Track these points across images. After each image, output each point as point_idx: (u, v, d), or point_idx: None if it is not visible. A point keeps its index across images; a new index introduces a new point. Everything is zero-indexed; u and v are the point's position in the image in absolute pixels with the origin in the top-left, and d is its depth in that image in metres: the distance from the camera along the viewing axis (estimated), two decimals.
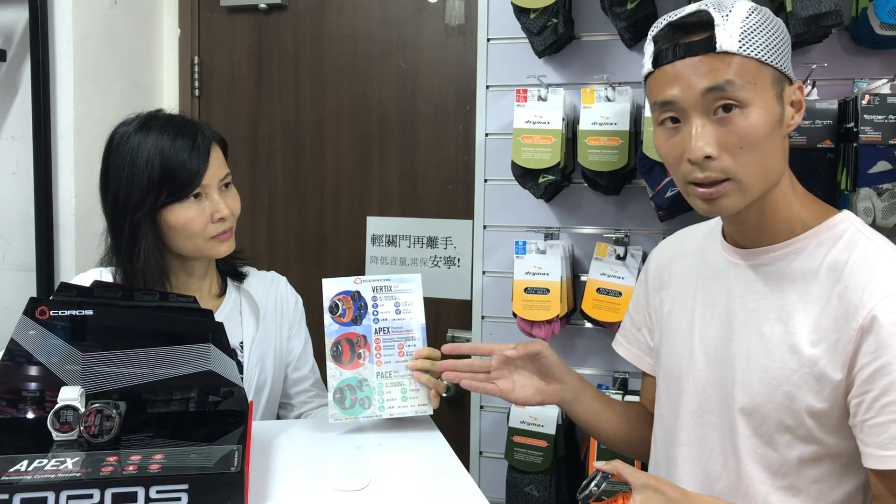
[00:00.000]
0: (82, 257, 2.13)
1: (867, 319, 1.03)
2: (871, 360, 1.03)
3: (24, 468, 0.97)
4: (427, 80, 2.30)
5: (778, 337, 1.12)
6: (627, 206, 1.92)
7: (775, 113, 1.08)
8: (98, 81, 2.21)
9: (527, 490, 1.86)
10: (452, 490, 1.10)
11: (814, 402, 1.08)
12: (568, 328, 1.95)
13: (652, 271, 1.37)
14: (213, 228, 1.39)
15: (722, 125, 1.06)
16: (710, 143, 1.07)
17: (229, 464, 1.00)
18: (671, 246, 1.37)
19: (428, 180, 2.32)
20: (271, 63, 2.44)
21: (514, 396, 1.34)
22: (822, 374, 1.07)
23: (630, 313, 1.42)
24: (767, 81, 1.07)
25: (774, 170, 1.11)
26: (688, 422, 1.22)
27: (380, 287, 1.35)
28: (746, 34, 1.06)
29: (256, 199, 2.46)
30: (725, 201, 1.10)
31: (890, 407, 1.02)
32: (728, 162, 1.07)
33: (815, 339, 1.08)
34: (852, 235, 1.11)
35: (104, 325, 1.15)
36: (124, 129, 1.40)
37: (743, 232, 1.18)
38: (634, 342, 1.41)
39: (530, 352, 1.34)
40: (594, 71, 1.87)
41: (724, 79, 1.05)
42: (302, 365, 1.58)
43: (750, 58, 1.05)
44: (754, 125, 1.06)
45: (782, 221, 1.14)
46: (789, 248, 1.13)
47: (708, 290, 1.22)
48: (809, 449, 1.11)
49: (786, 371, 1.10)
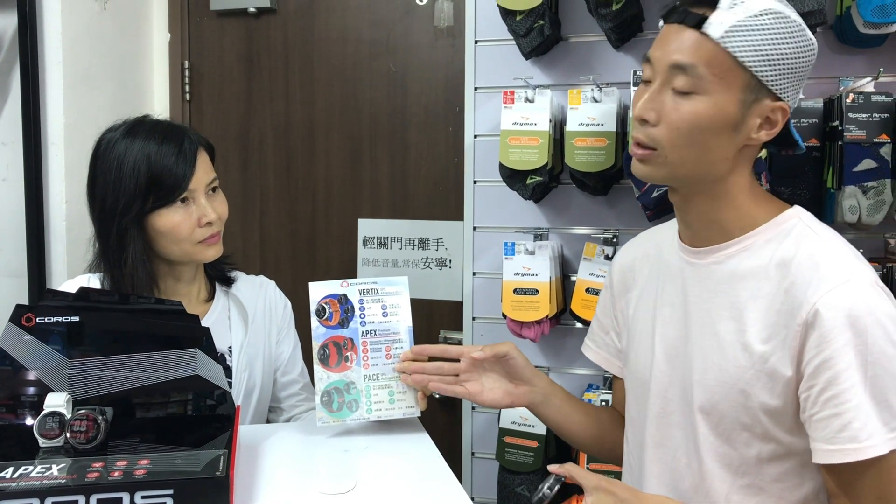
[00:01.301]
0: (73, 263, 2.13)
1: (810, 314, 1.04)
2: (815, 354, 1.04)
3: (10, 475, 0.97)
4: (417, 82, 2.31)
5: (731, 335, 1.12)
6: (616, 207, 1.93)
7: (728, 115, 1.07)
8: (88, 86, 2.21)
9: (518, 490, 1.87)
10: (439, 493, 1.10)
11: (767, 400, 1.09)
12: (558, 328, 1.96)
13: (616, 274, 1.37)
14: (201, 233, 1.40)
15: (674, 99, 1.08)
16: (654, 109, 1.09)
17: (214, 468, 1.00)
18: (633, 249, 1.38)
19: (419, 182, 2.33)
20: (261, 66, 2.45)
21: (482, 399, 1.34)
22: (773, 370, 1.08)
23: (598, 317, 1.43)
24: (737, 83, 1.06)
25: (712, 166, 1.11)
26: (653, 423, 1.23)
27: (366, 290, 1.35)
28: (738, 30, 1.04)
29: (248, 202, 2.47)
30: (647, 168, 1.13)
31: (833, 400, 1.02)
32: (662, 133, 1.09)
33: (766, 336, 1.09)
34: (801, 231, 1.12)
35: (91, 331, 1.16)
36: (111, 136, 1.40)
37: (693, 229, 1.19)
38: (603, 346, 1.41)
39: (497, 353, 1.33)
40: (581, 72, 1.88)
41: (692, 61, 1.06)
42: (291, 369, 1.59)
43: (727, 52, 1.05)
44: (695, 114, 1.07)
45: (732, 220, 1.14)
46: (740, 246, 1.14)
47: (666, 291, 1.24)
48: (768, 447, 1.11)
49: (739, 369, 1.11)
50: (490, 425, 2.05)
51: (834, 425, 1.02)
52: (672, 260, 1.24)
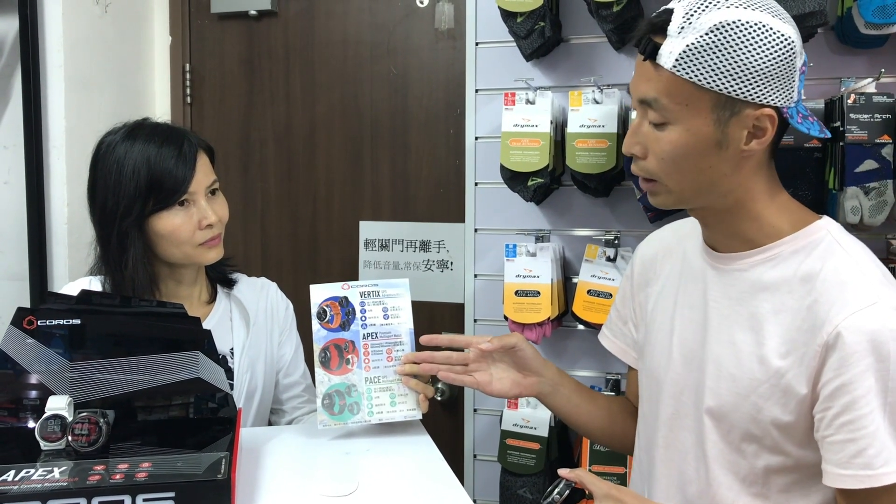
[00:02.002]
0: (75, 266, 2.13)
1: (832, 335, 1.02)
2: (834, 376, 1.02)
3: (11, 478, 0.97)
4: (417, 84, 2.31)
5: (748, 346, 1.10)
6: (617, 208, 1.93)
7: (706, 137, 1.05)
8: (89, 90, 2.22)
9: (520, 493, 1.87)
10: (440, 495, 1.10)
11: (780, 415, 1.07)
12: (559, 330, 1.95)
13: (637, 266, 1.35)
14: (201, 235, 1.40)
15: (653, 130, 1.08)
16: (638, 143, 1.10)
17: (216, 471, 1.00)
18: (657, 241, 1.35)
19: (420, 184, 2.33)
20: (262, 69, 2.45)
21: (490, 389, 1.34)
22: (788, 387, 1.06)
23: (616, 306, 1.41)
24: (704, 105, 1.04)
25: (714, 185, 1.09)
26: (665, 424, 1.22)
27: (367, 292, 1.35)
28: (689, 54, 1.02)
29: (249, 204, 2.47)
30: (656, 199, 1.14)
31: (849, 426, 1.01)
32: (653, 165, 1.10)
33: (784, 352, 1.07)
34: (828, 245, 1.09)
35: (92, 333, 1.16)
36: (111, 138, 1.40)
37: (713, 237, 1.17)
38: (620, 335, 1.39)
39: (505, 345, 1.33)
40: (582, 73, 1.88)
41: (652, 96, 1.06)
42: (293, 371, 1.59)
43: (683, 80, 1.03)
44: (673, 144, 1.07)
45: (753, 229, 1.12)
46: (764, 256, 1.11)
47: (687, 292, 1.22)
48: (776, 459, 1.10)
49: (753, 382, 1.09)
50: (492, 427, 2.05)
51: (848, 450, 1.01)
52: (696, 260, 1.22)
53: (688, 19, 1.02)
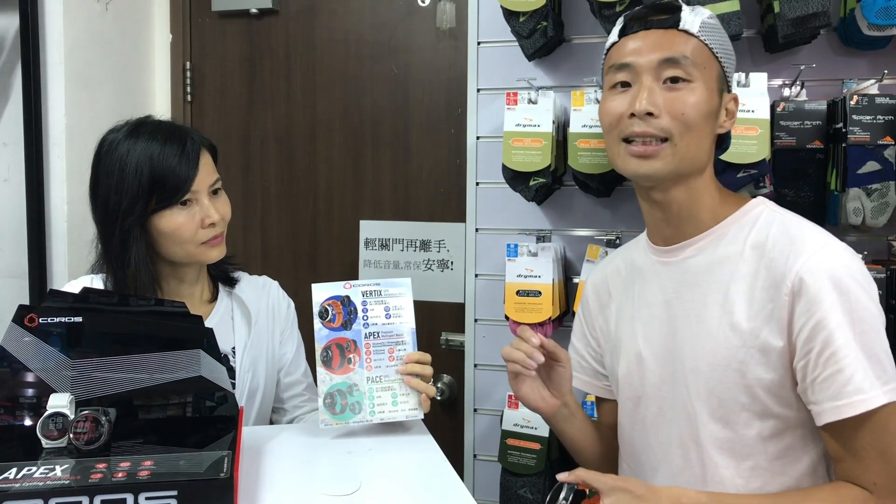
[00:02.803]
0: (75, 264, 2.13)
1: (795, 282, 1.09)
2: (807, 319, 1.08)
3: (13, 476, 0.97)
4: (419, 83, 2.30)
5: (717, 319, 1.16)
6: (619, 208, 1.92)
7: (714, 103, 1.19)
8: (89, 87, 2.21)
9: (521, 493, 1.86)
10: (443, 494, 1.10)
11: (762, 374, 1.12)
12: (560, 330, 1.95)
13: (591, 295, 1.43)
14: (204, 234, 1.39)
15: (669, 92, 1.17)
16: (656, 103, 1.17)
17: (219, 470, 1.00)
18: (603, 267, 1.44)
19: (420, 184, 2.32)
20: (263, 68, 2.44)
21: (520, 389, 1.35)
22: (764, 344, 1.12)
23: (573, 344, 1.47)
24: (714, 73, 1.19)
25: (702, 153, 1.20)
26: (652, 423, 1.25)
27: (369, 292, 1.35)
28: (706, 26, 1.19)
29: (249, 204, 2.46)
30: (656, 162, 1.18)
31: (833, 358, 1.06)
32: (668, 123, 1.17)
33: (752, 314, 1.13)
34: (768, 216, 1.19)
35: (93, 332, 1.15)
36: (113, 136, 1.39)
37: (670, 226, 1.24)
38: (581, 370, 1.45)
39: (557, 354, 1.31)
40: (584, 73, 1.87)
41: (682, 53, 1.17)
42: (294, 369, 1.58)
43: (705, 45, 1.19)
44: (697, 101, 1.17)
45: (706, 210, 1.21)
46: (713, 237, 1.20)
47: (643, 295, 1.27)
48: (767, 424, 1.14)
49: (731, 349, 1.14)
50: (492, 427, 2.04)
51: (839, 381, 1.06)
52: (645, 265, 1.29)
53: (692, 7, 1.22)
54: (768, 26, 1.71)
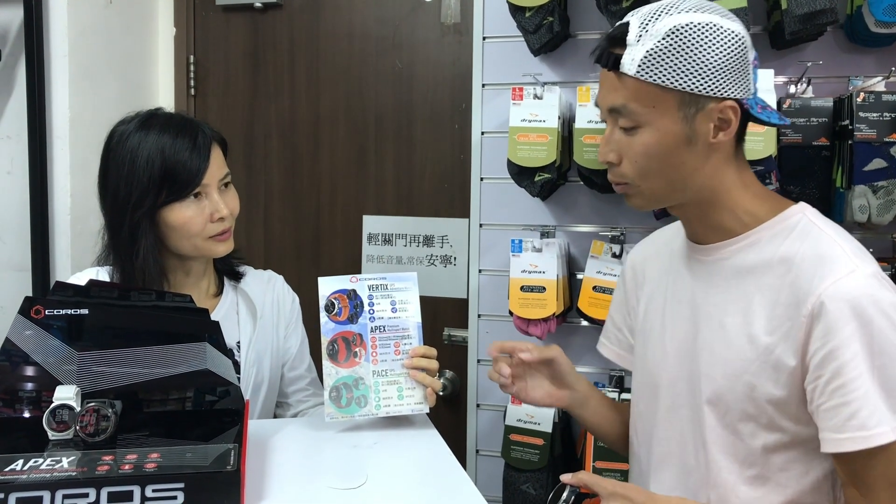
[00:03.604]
0: (78, 257, 2.13)
1: (816, 305, 1.06)
2: (822, 345, 1.05)
3: (20, 467, 0.97)
4: (423, 78, 2.30)
5: (737, 328, 1.14)
6: (623, 205, 1.89)
7: (676, 135, 1.11)
8: (93, 80, 2.21)
9: (523, 488, 1.87)
10: (449, 487, 1.10)
11: (773, 390, 1.10)
12: (564, 326, 1.95)
13: (629, 272, 1.41)
14: (213, 228, 1.39)
15: (624, 136, 1.14)
16: (612, 150, 1.15)
17: (225, 462, 1.00)
18: (644, 247, 1.41)
19: (424, 179, 2.32)
20: (267, 62, 2.44)
21: (524, 396, 1.38)
22: (778, 361, 1.10)
23: (611, 314, 1.46)
24: (671, 105, 1.10)
25: (686, 181, 1.14)
26: (664, 417, 1.25)
27: (376, 285, 1.35)
28: (651, 59, 1.08)
29: (252, 198, 2.46)
30: (632, 201, 1.19)
31: (841, 390, 1.04)
32: (627, 169, 1.15)
33: (771, 329, 1.11)
34: (805, 226, 1.14)
35: (100, 324, 1.15)
36: (124, 128, 1.39)
37: (695, 231, 1.22)
38: (617, 342, 1.44)
39: (545, 357, 1.36)
40: (590, 69, 1.87)
41: (620, 103, 1.12)
42: (298, 364, 1.58)
43: (648, 83, 1.09)
44: (646, 145, 1.12)
45: (731, 219, 1.17)
46: (744, 242, 1.16)
47: (675, 288, 1.26)
48: (773, 437, 1.13)
49: (745, 361, 1.13)
50: (494, 422, 2.04)
51: (842, 414, 1.04)
52: (680, 257, 1.27)
53: (644, 28, 1.09)
54: (775, 23, 1.71)
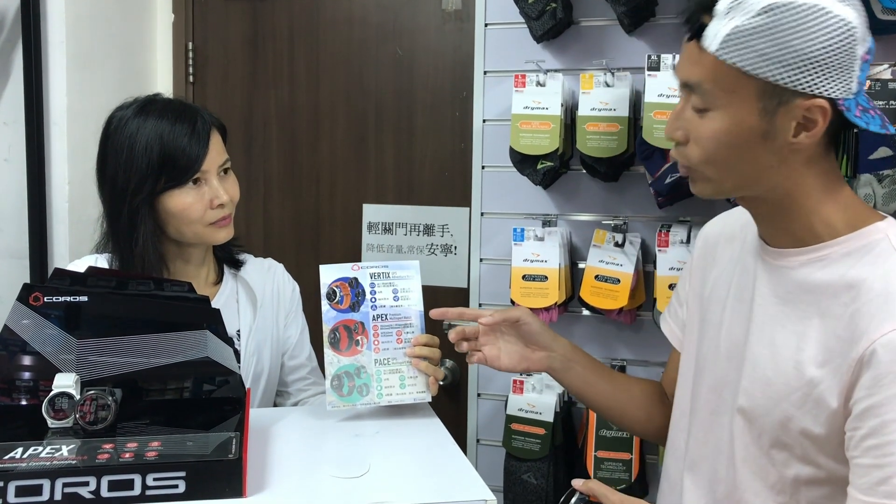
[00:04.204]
0: (76, 244, 2.11)
1: (868, 351, 0.95)
2: (866, 395, 0.95)
3: (19, 455, 0.96)
4: (424, 66, 2.28)
5: (787, 350, 1.04)
6: (626, 193, 1.91)
7: (750, 127, 1.00)
8: (91, 67, 2.18)
9: (524, 477, 1.86)
10: (452, 476, 1.09)
11: (811, 426, 1.01)
12: (566, 315, 1.94)
13: (699, 248, 1.28)
14: (212, 215, 1.38)
15: (695, 115, 1.04)
16: (680, 127, 1.06)
17: (227, 451, 0.99)
18: (721, 223, 1.28)
19: (424, 168, 2.30)
20: (266, 49, 2.42)
21: (499, 363, 1.33)
22: (820, 398, 1.00)
23: (677, 290, 1.34)
24: (750, 93, 0.98)
25: (758, 178, 1.04)
26: (704, 419, 1.17)
27: (378, 274, 1.33)
28: (736, 38, 0.96)
29: (252, 186, 2.44)
30: (695, 187, 1.09)
31: (875, 450, 0.94)
32: (693, 152, 1.05)
33: (822, 361, 1.00)
34: (883, 250, 1.01)
35: (99, 311, 1.14)
36: (122, 113, 1.38)
37: (764, 230, 1.12)
38: (676, 319, 1.33)
39: (508, 318, 1.31)
40: (593, 56, 1.85)
41: (696, 80, 1.02)
42: (299, 353, 1.57)
43: (728, 65, 0.98)
44: (714, 132, 1.02)
45: (804, 227, 1.05)
46: (814, 255, 1.04)
47: (741, 282, 1.15)
48: (807, 470, 1.04)
49: (787, 388, 1.03)
50: (496, 412, 2.04)
51: (873, 476, 0.94)
52: (751, 251, 1.15)
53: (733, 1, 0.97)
54: None
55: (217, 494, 0.96)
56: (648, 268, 1.87)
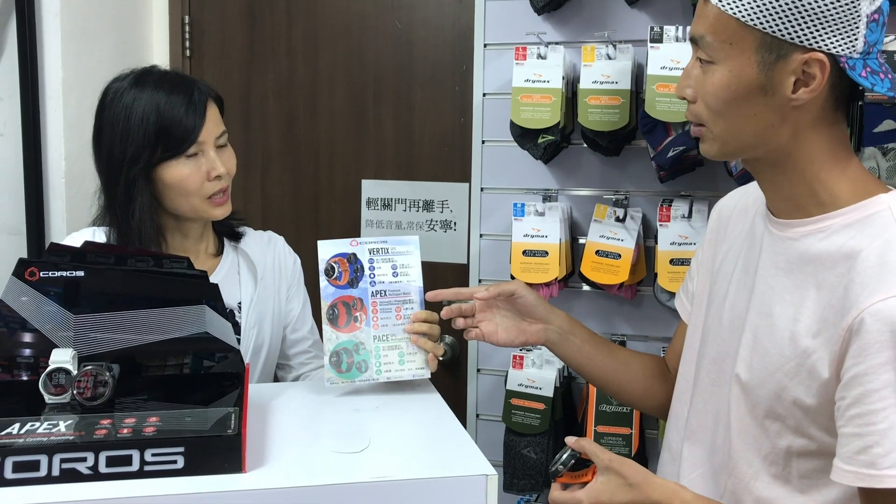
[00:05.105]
0: (73, 219, 2.10)
1: (857, 320, 0.95)
2: (852, 364, 0.95)
3: (16, 431, 0.95)
4: (423, 39, 2.25)
5: (784, 321, 1.04)
6: (627, 168, 1.89)
7: (749, 80, 1.00)
8: (86, 40, 2.16)
9: (524, 452, 1.86)
10: (453, 451, 1.08)
11: (803, 396, 1.01)
12: (566, 291, 1.93)
13: (713, 222, 1.29)
14: (210, 187, 1.37)
15: (702, 72, 1.05)
16: (689, 85, 1.07)
17: (226, 426, 0.98)
18: (736, 196, 1.27)
19: (424, 143, 2.28)
20: (264, 22, 2.39)
21: (496, 338, 1.33)
22: (812, 368, 1.00)
23: (692, 266, 1.34)
24: (749, 45, 0.99)
25: (761, 136, 1.03)
26: (704, 389, 1.18)
27: (376, 249, 1.32)
28: None
29: (250, 160, 2.42)
30: (703, 146, 1.10)
31: (857, 420, 0.94)
32: (702, 109, 1.06)
33: (816, 331, 1.01)
34: (885, 222, 0.99)
35: (96, 286, 1.12)
36: (118, 85, 1.37)
37: (769, 199, 1.11)
38: (686, 292, 1.32)
39: (503, 292, 1.31)
40: (594, 28, 1.83)
41: (700, 32, 1.03)
42: (300, 326, 1.57)
43: (731, 16, 0.99)
44: (715, 85, 1.03)
45: (805, 195, 1.04)
46: (817, 226, 1.04)
47: (746, 257, 1.15)
48: (799, 441, 1.04)
49: (782, 358, 1.04)
50: (495, 387, 2.04)
51: (854, 445, 0.94)
52: (758, 225, 1.15)
53: None
54: None
55: (216, 470, 0.95)
56: (650, 243, 1.86)
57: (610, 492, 1.04)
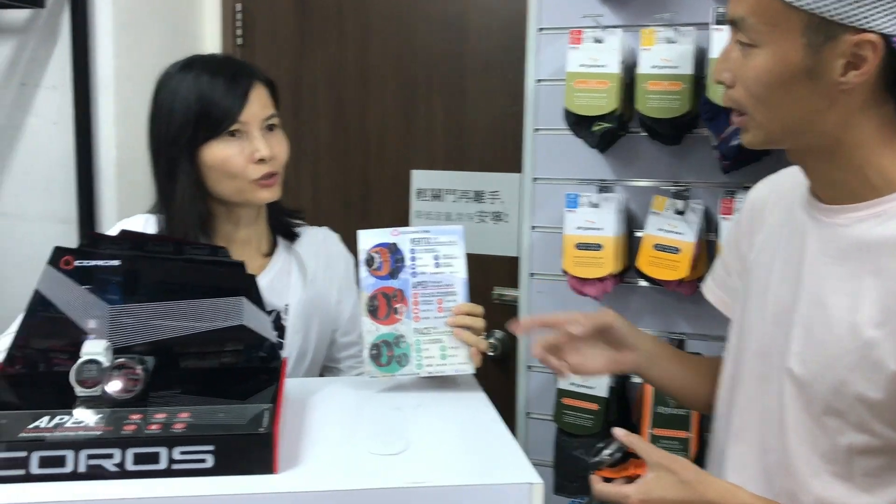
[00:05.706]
0: (124, 208, 2.10)
1: None
2: None
3: (45, 424, 0.93)
4: (475, 25, 2.19)
5: (841, 311, 0.98)
6: (688, 158, 1.80)
7: (794, 64, 0.94)
8: (138, 30, 2.16)
9: (576, 454, 1.79)
10: (496, 456, 1.02)
11: (866, 391, 0.95)
12: (621, 286, 1.85)
13: (746, 212, 1.24)
14: (254, 170, 1.35)
15: (742, 55, 0.99)
16: (727, 69, 1.01)
17: (258, 424, 0.94)
18: (769, 184, 1.23)
19: (475, 132, 2.22)
20: (314, 10, 2.36)
21: (584, 370, 1.28)
22: (878, 360, 0.94)
23: (722, 255, 1.31)
24: (794, 27, 0.93)
25: (807, 122, 0.98)
26: (749, 386, 1.12)
27: (418, 239, 1.27)
28: None
29: (300, 150, 2.38)
30: (745, 136, 1.04)
31: None
32: (740, 95, 1.00)
33: (881, 321, 0.95)
34: None
35: (132, 276, 1.10)
36: (168, 70, 1.40)
37: (815, 185, 1.05)
38: (724, 287, 1.29)
39: (598, 325, 1.25)
40: (655, 10, 1.73)
41: (740, 14, 0.97)
42: (351, 329, 1.52)
43: None
44: (758, 69, 0.97)
45: (857, 180, 0.99)
46: (872, 211, 0.98)
47: (789, 247, 1.09)
48: (862, 438, 0.98)
49: (841, 351, 0.97)
50: (546, 385, 1.97)
51: None
52: (800, 210, 1.09)
53: None
54: None
55: (247, 470, 0.91)
56: (711, 237, 1.76)
57: (662, 488, 1.00)
